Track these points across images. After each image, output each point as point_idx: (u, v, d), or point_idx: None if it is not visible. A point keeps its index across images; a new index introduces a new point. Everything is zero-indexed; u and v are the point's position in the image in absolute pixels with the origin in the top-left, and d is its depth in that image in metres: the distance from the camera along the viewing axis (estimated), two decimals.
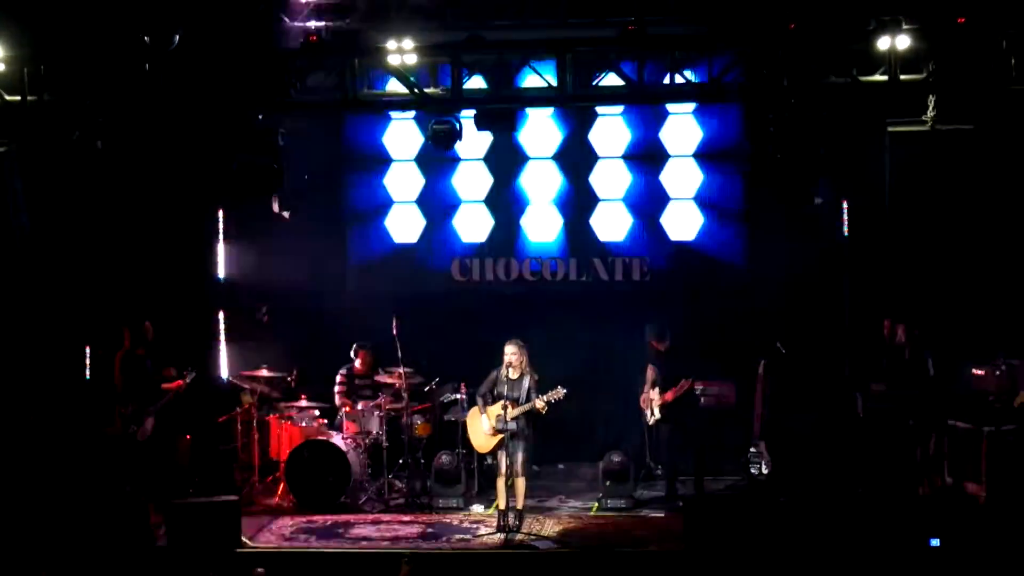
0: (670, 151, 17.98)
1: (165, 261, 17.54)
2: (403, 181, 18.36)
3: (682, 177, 17.95)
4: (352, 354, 16.84)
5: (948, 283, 16.57)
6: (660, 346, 15.95)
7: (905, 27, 13.79)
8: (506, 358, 14.79)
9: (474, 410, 15.30)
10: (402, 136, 18.24)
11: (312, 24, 15.59)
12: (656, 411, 15.86)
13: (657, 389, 15.84)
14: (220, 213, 17.92)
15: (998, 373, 15.79)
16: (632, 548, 14.19)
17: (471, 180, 18.24)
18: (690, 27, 14.81)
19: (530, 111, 17.05)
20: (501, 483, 14.81)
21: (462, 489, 15.87)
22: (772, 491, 15.80)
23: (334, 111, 15.47)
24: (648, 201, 18.04)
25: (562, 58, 14.35)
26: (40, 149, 15.65)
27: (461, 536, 14.73)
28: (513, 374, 14.82)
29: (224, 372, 18.01)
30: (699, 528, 13.69)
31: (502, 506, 14.77)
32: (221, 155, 15.46)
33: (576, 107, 16.82)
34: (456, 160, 18.03)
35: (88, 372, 16.52)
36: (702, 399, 16.46)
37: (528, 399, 14.72)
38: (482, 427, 15.05)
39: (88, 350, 16.30)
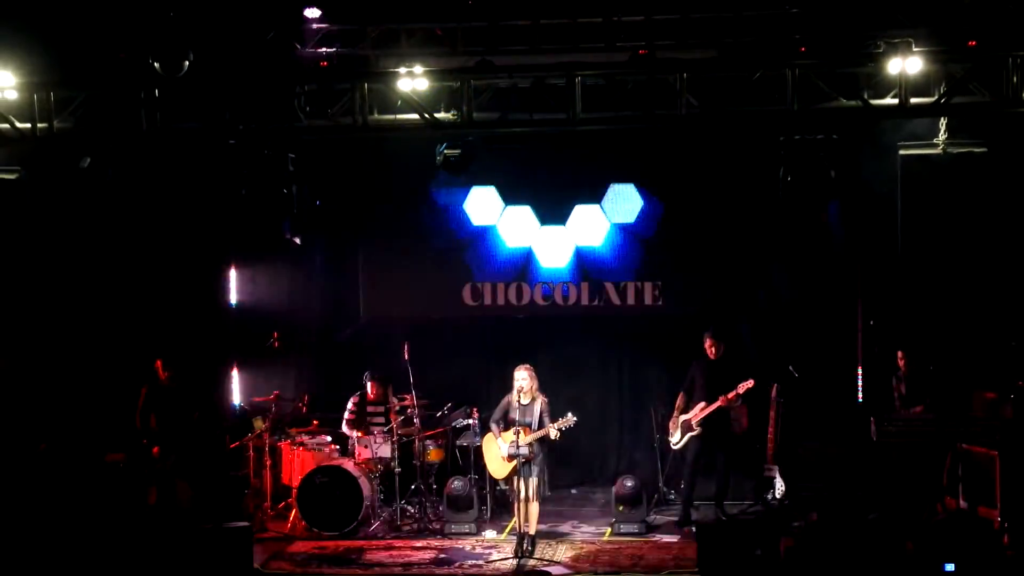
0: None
1: (176, 288, 17.59)
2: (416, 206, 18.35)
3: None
4: (363, 382, 16.83)
5: (962, 306, 16.53)
6: (712, 349, 15.91)
7: (915, 50, 13.76)
8: (517, 384, 14.79)
9: (489, 435, 15.32)
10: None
11: (323, 50, 15.60)
12: (695, 425, 15.79)
13: (701, 404, 15.77)
14: (230, 240, 17.90)
15: (1012, 397, 15.74)
16: (645, 573, 14.15)
17: (482, 205, 18.21)
18: (700, 51, 14.78)
19: None
20: (518, 507, 14.82)
21: (474, 515, 15.84)
22: (785, 516, 15.77)
23: (344, 137, 15.45)
24: (660, 224, 17.98)
25: (571, 82, 14.36)
26: (50, 176, 15.71)
27: (473, 562, 14.69)
28: (524, 399, 14.81)
29: (236, 398, 17.99)
30: (713, 553, 13.64)
31: (520, 530, 14.77)
32: (231, 181, 15.49)
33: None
34: (468, 184, 18.02)
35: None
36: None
37: (541, 424, 14.71)
38: (498, 452, 15.06)
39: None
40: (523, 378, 14.79)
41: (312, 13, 15.23)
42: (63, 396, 17.07)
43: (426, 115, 14.72)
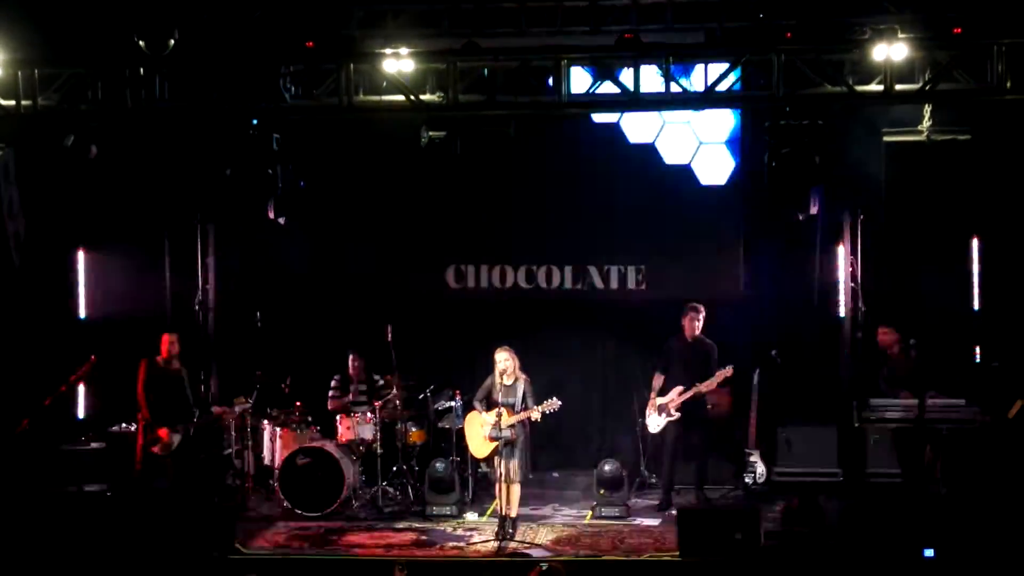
0: (667, 160, 17.97)
1: (158, 267, 17.61)
2: (395, 188, 18.32)
3: (676, 187, 17.95)
4: (347, 360, 16.83)
5: (944, 291, 16.58)
6: (691, 326, 15.90)
7: (901, 37, 13.77)
8: (498, 365, 14.80)
9: (472, 414, 15.29)
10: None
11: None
12: (673, 411, 15.80)
13: (678, 389, 15.78)
14: (213, 219, 17.88)
15: (993, 383, 15.82)
16: (626, 556, 14.17)
17: (466, 188, 18.19)
18: (687, 35, 14.78)
19: None
20: (500, 489, 14.85)
21: (456, 497, 15.85)
22: (767, 499, 15.81)
23: (330, 117, 15.42)
24: (643, 208, 17.98)
25: (558, 65, 14.34)
26: (35, 154, 15.66)
27: (455, 543, 14.70)
28: (507, 380, 14.82)
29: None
30: (693, 537, 13.67)
31: (502, 512, 14.79)
32: (215, 160, 15.46)
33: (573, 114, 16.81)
34: (452, 168, 17.99)
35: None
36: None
37: (524, 405, 14.72)
38: (480, 431, 15.06)
39: (93, 359, 16.23)
40: (504, 359, 14.81)
41: None
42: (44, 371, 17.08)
43: (412, 96, 14.69)
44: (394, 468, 16.42)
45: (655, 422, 16.03)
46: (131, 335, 16.66)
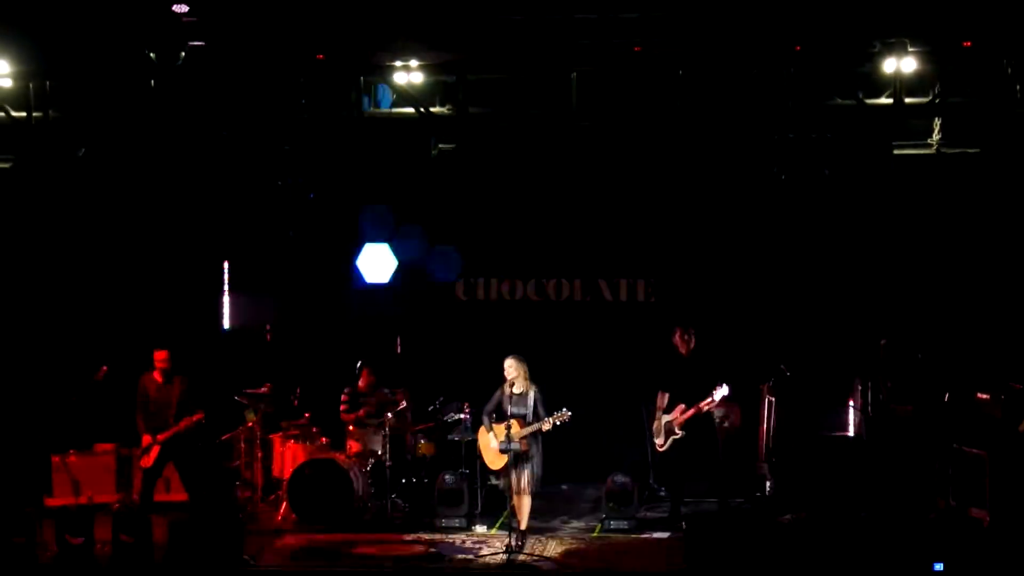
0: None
1: (169, 277, 17.63)
2: (409, 200, 18.36)
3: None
4: (356, 371, 16.84)
5: (954, 307, 16.56)
6: (683, 347, 15.85)
7: (911, 50, 13.77)
8: (507, 374, 14.78)
9: (483, 428, 15.29)
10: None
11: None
12: (677, 429, 15.75)
13: (680, 407, 15.73)
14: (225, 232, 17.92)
15: (1003, 398, 15.79)
16: (634, 569, 14.15)
17: (477, 198, 18.23)
18: (696, 49, 14.80)
19: None
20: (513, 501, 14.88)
21: (465, 509, 15.84)
22: (776, 512, 15.79)
23: (340, 129, 15.43)
24: (654, 215, 17.99)
25: (567, 78, 14.36)
26: (45, 165, 15.70)
27: (464, 556, 14.68)
28: (517, 389, 14.80)
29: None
30: (701, 549, 13.65)
31: (516, 523, 14.80)
32: (227, 172, 15.51)
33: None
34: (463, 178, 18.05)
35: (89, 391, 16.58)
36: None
37: (535, 414, 14.70)
38: (492, 445, 15.06)
39: (104, 369, 16.25)
40: (509, 366, 14.78)
41: None
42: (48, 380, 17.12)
43: (421, 109, 14.71)
44: (403, 480, 16.42)
45: (661, 440, 15.99)
46: (143, 346, 16.69)
